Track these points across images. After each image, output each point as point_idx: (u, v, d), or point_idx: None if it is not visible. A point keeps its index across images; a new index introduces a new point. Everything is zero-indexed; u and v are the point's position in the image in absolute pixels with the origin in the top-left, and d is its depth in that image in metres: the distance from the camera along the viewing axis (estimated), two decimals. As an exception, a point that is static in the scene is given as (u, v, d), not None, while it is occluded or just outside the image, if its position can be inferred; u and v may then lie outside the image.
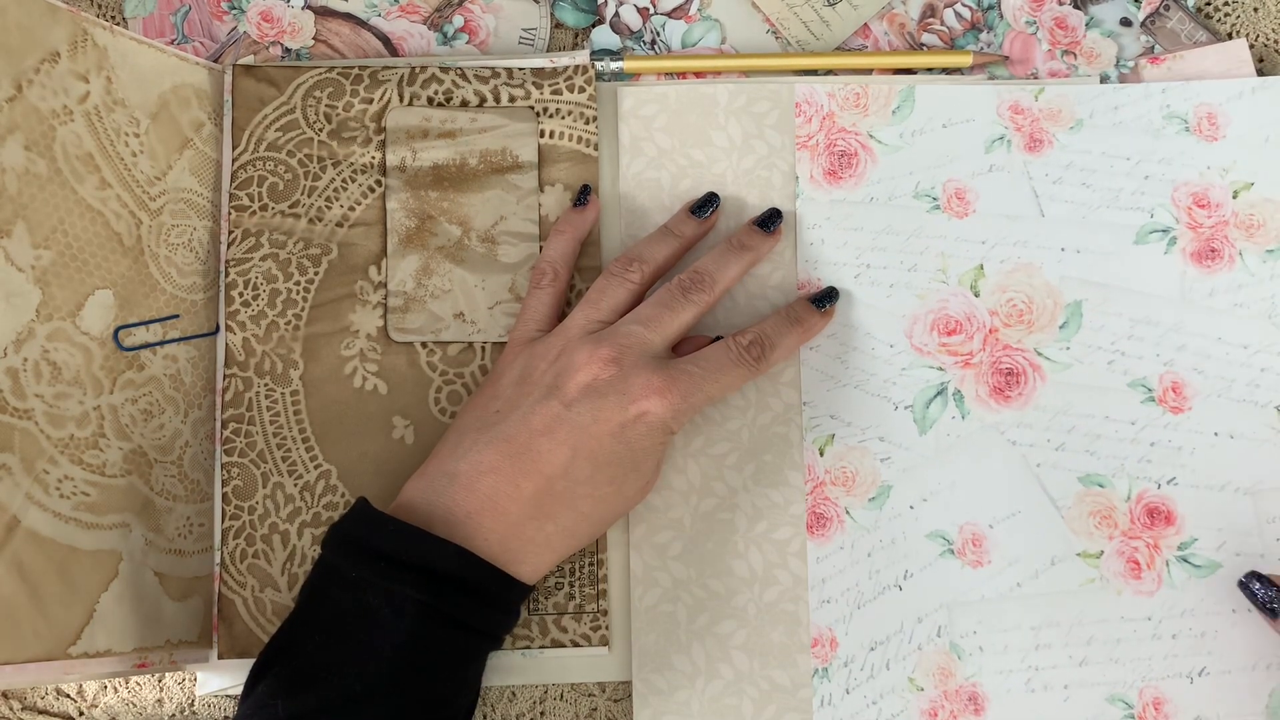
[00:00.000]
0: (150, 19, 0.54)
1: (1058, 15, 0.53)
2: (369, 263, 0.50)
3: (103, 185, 0.45)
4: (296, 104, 0.51)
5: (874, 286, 0.49)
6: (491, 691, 0.48)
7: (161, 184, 0.48)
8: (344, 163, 0.50)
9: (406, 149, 0.50)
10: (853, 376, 0.48)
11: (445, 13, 0.53)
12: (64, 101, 0.43)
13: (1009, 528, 0.46)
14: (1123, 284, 0.48)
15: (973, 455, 0.47)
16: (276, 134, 0.50)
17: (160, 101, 0.48)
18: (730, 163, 0.50)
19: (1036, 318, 0.48)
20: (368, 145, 0.50)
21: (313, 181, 0.50)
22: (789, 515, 0.47)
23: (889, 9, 0.53)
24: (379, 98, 0.51)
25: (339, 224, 0.50)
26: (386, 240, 0.50)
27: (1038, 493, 0.47)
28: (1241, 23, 0.53)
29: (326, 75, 0.51)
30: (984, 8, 0.53)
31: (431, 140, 0.50)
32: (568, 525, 0.42)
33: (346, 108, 0.51)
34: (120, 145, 0.46)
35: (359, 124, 0.51)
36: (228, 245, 0.50)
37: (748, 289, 0.49)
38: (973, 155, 0.49)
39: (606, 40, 0.53)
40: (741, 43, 0.53)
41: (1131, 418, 0.47)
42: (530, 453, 0.42)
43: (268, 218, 0.50)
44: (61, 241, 0.43)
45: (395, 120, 0.50)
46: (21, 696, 0.49)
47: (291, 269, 0.49)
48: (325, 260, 0.50)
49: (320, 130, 0.50)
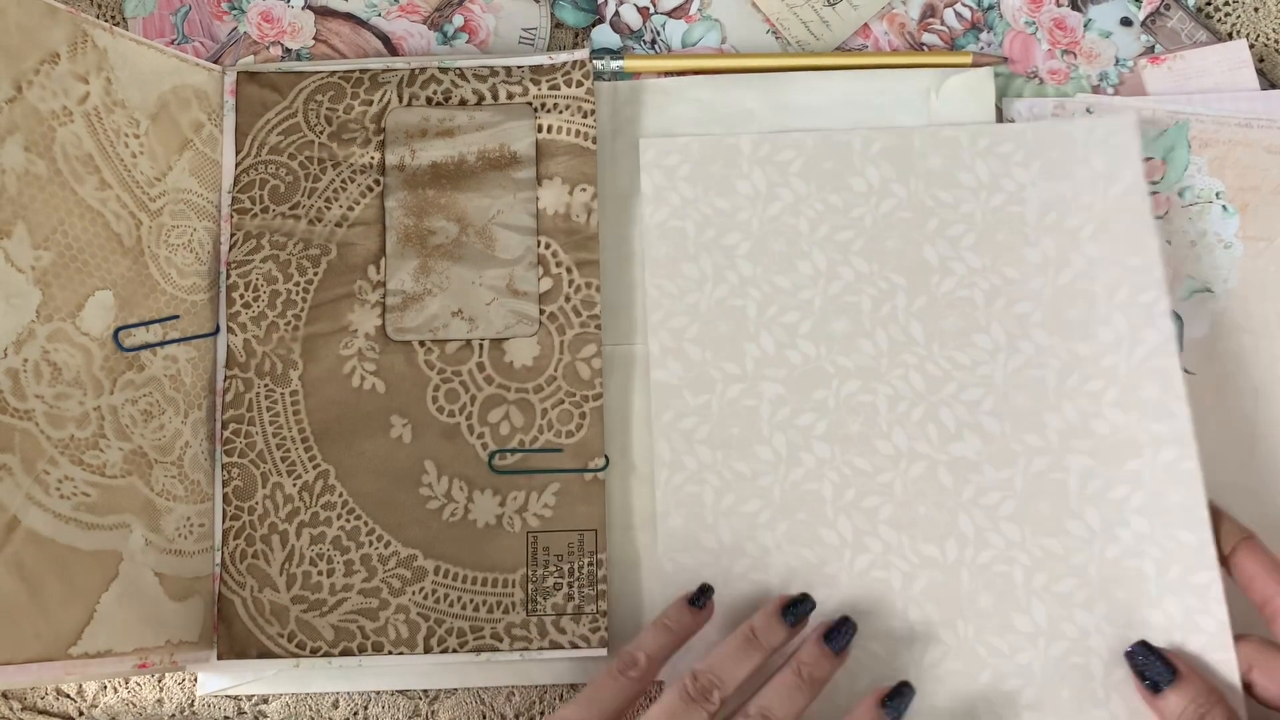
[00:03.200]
0: (150, 19, 0.54)
1: (1057, 16, 0.53)
2: (368, 262, 0.50)
3: (103, 186, 0.45)
4: (299, 108, 0.51)
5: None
6: (491, 691, 0.48)
7: (161, 185, 0.48)
8: (344, 164, 0.50)
9: (405, 148, 0.50)
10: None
11: (445, 12, 0.53)
12: (64, 102, 0.44)
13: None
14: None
15: None
16: (279, 138, 0.51)
17: (160, 102, 0.48)
18: (755, 210, 0.50)
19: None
20: (367, 146, 0.50)
21: (313, 183, 0.50)
22: (823, 575, 0.47)
23: (889, 9, 0.53)
24: (379, 99, 0.51)
25: (338, 224, 0.50)
26: (385, 239, 0.50)
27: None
28: (1242, 22, 0.53)
29: (328, 79, 0.51)
30: (984, 8, 0.53)
31: (430, 139, 0.50)
32: None
33: (347, 110, 0.51)
34: (120, 146, 0.46)
35: (359, 125, 0.51)
36: (229, 248, 0.50)
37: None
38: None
39: (606, 39, 0.53)
40: (741, 42, 0.53)
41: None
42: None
43: (269, 219, 0.50)
44: (61, 242, 0.43)
45: (394, 120, 0.51)
46: (21, 696, 0.49)
47: (291, 270, 0.50)
48: (324, 260, 0.50)
49: (321, 133, 0.51)
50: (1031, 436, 0.47)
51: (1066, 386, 0.47)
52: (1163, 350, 0.46)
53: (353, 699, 0.49)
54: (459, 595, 0.47)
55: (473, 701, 0.48)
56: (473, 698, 0.48)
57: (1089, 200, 0.49)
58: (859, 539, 0.47)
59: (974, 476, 0.47)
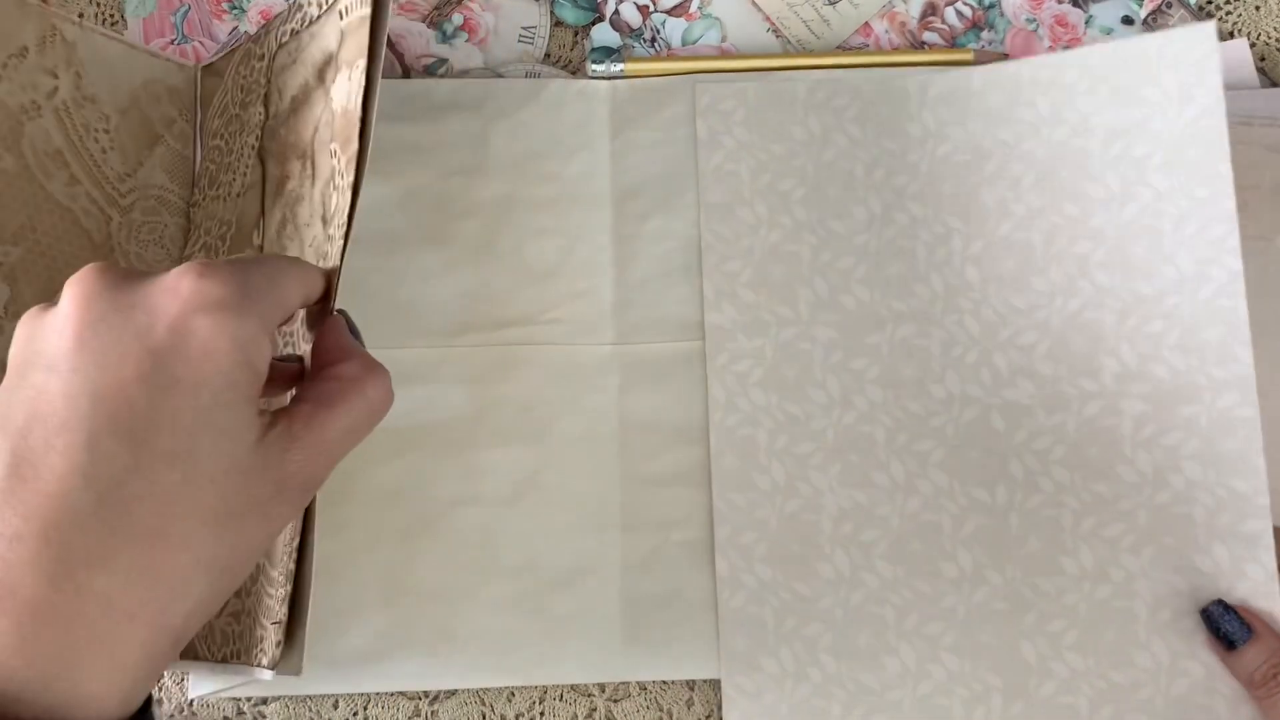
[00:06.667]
0: (150, 19, 0.53)
1: (1058, 13, 0.52)
2: (253, 228, 0.45)
3: (72, 182, 0.44)
4: (229, 85, 0.48)
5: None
6: (491, 692, 0.48)
7: (132, 180, 0.47)
8: (244, 129, 0.46)
9: (276, 93, 0.45)
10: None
11: (444, 10, 0.52)
12: (32, 97, 0.43)
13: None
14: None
15: None
16: (217, 122, 0.48)
17: (131, 97, 0.47)
18: (810, 155, 0.49)
19: None
20: (257, 103, 0.46)
21: (229, 158, 0.47)
22: (875, 516, 0.47)
23: (890, 7, 0.52)
24: (266, 50, 0.46)
25: (239, 195, 0.46)
26: (264, 200, 0.45)
27: None
28: (1243, 21, 0.52)
29: (246, 46, 0.48)
30: (985, 6, 0.53)
31: (287, 73, 0.44)
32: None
33: (251, 71, 0.47)
34: (90, 141, 0.45)
35: (256, 84, 0.46)
36: (186, 243, 0.48)
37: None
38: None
39: (606, 38, 0.53)
40: (742, 41, 0.53)
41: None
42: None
43: (206, 206, 0.48)
44: (30, 238, 0.42)
45: (276, 67, 0.45)
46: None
47: (213, 254, 0.46)
48: (229, 236, 0.46)
49: (236, 103, 0.47)
50: (1086, 381, 0.47)
51: (1125, 329, 0.47)
52: (1229, 290, 0.45)
53: (353, 699, 0.48)
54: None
55: (473, 701, 0.48)
56: (473, 698, 0.48)
57: (1159, 126, 0.47)
58: (910, 481, 0.47)
59: (1026, 421, 0.47)
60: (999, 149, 0.49)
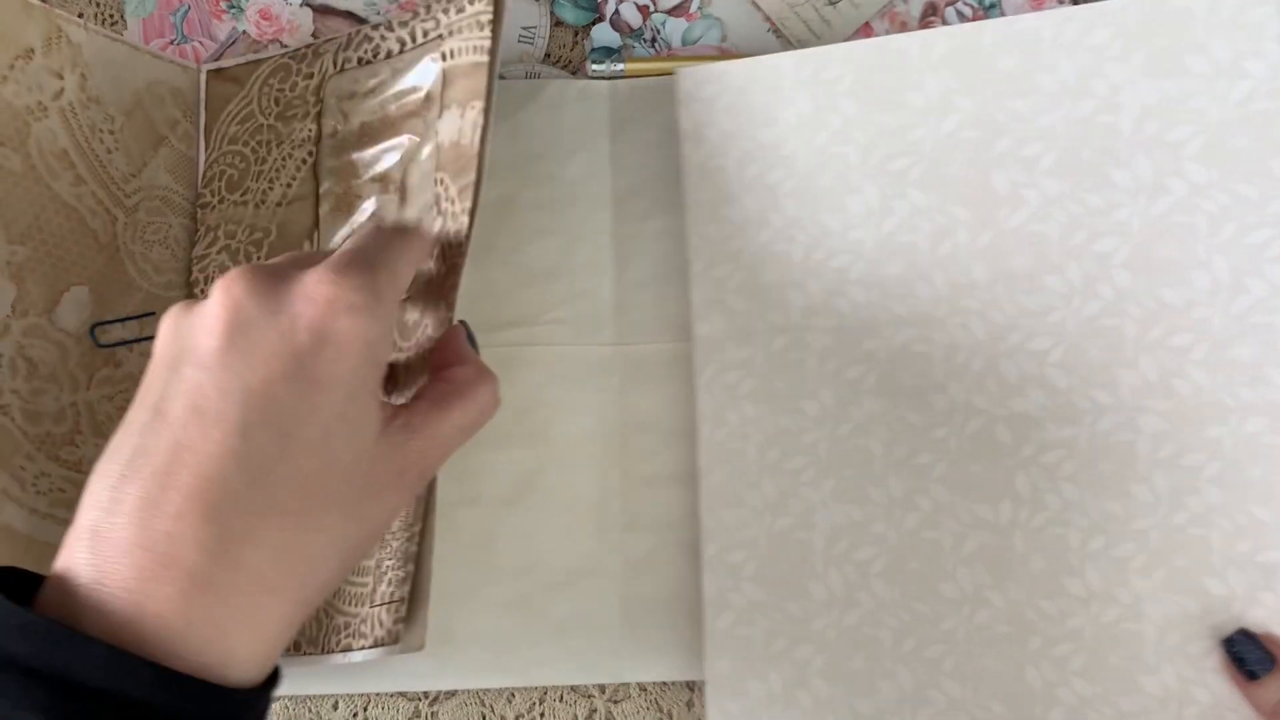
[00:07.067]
0: (150, 19, 0.54)
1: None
2: (303, 237, 0.47)
3: (78, 182, 0.45)
4: (254, 95, 0.49)
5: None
6: (491, 692, 0.48)
7: (137, 181, 0.48)
8: (286, 141, 0.48)
9: (339, 114, 0.47)
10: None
11: None
12: (38, 98, 0.44)
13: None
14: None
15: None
16: (236, 128, 0.49)
17: (135, 99, 0.48)
18: (800, 140, 0.44)
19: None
20: (306, 119, 0.48)
21: (259, 166, 0.49)
22: (870, 534, 0.44)
23: (890, 7, 0.51)
24: (318, 71, 0.48)
25: (278, 204, 0.48)
26: (319, 211, 0.47)
27: None
28: None
29: (280, 62, 0.49)
30: (985, 6, 0.51)
31: (359, 100, 0.47)
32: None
33: (292, 87, 0.49)
34: (95, 142, 0.46)
35: (301, 100, 0.48)
36: (194, 243, 0.49)
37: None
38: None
39: (606, 38, 0.52)
40: (742, 41, 0.52)
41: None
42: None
43: (224, 210, 0.49)
44: (37, 238, 0.43)
45: (330, 88, 0.48)
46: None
47: (240, 257, 0.48)
48: (266, 243, 0.48)
49: (270, 115, 0.49)
50: (1101, 393, 0.43)
51: (1147, 339, 0.43)
52: (1267, 305, 0.41)
53: (352, 700, 0.48)
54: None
55: (472, 702, 0.48)
56: (472, 698, 0.48)
57: (1201, 104, 0.42)
58: (909, 497, 0.44)
59: (1035, 434, 0.43)
60: (1013, 123, 0.43)
